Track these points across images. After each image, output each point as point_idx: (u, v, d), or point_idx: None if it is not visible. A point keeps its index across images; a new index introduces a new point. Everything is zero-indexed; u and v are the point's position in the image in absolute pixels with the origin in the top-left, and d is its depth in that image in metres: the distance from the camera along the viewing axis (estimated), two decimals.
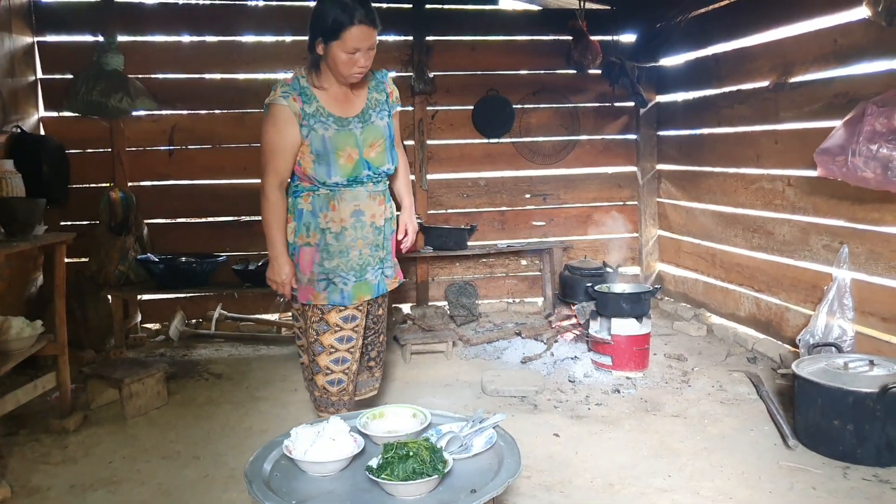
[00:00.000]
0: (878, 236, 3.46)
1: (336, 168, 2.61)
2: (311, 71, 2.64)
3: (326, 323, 2.69)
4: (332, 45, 2.55)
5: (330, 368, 2.70)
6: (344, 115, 2.66)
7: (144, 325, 5.09)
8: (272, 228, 2.67)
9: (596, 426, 3.30)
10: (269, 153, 2.63)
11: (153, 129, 5.05)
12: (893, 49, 3.30)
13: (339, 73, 2.60)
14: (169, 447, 3.16)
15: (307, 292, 2.69)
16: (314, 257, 2.68)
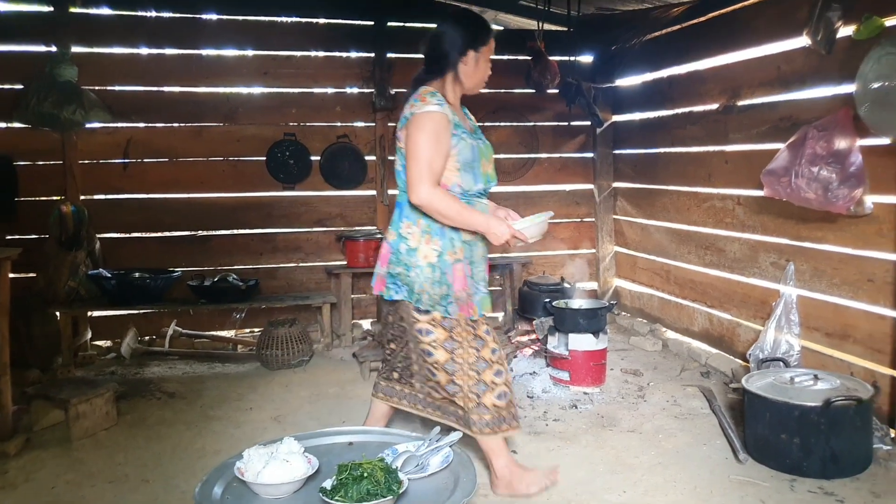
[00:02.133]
0: (821, 254, 3.58)
1: (480, 176, 2.71)
2: (444, 84, 2.73)
3: (480, 338, 2.72)
4: (483, 50, 2.73)
5: (494, 382, 2.70)
6: (470, 130, 2.78)
7: (95, 342, 4.96)
8: (463, 212, 2.61)
9: (553, 442, 3.33)
10: (432, 159, 2.57)
11: (108, 142, 4.96)
12: (832, 76, 3.43)
13: (480, 80, 2.81)
14: (117, 470, 3.07)
15: (468, 308, 2.69)
16: (465, 271, 2.70)
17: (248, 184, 5.22)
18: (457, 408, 2.75)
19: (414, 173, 2.55)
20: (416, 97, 2.66)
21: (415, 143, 2.56)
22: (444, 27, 2.75)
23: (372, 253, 5.17)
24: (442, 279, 2.65)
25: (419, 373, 2.84)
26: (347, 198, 5.43)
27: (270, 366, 4.53)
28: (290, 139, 5.22)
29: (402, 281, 2.69)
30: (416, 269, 2.66)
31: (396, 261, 2.70)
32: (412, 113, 2.62)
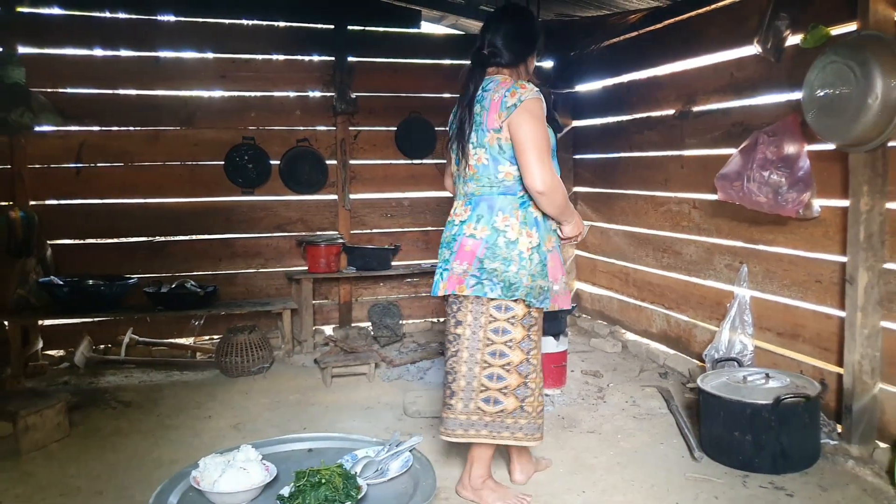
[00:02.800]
0: (773, 256, 3.68)
1: (556, 166, 2.68)
2: (516, 74, 2.67)
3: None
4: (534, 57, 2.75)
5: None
6: None
7: (47, 351, 4.83)
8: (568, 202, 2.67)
9: None
10: (548, 145, 2.56)
11: (59, 146, 4.84)
12: (781, 83, 3.54)
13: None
14: (69, 483, 2.99)
15: (565, 299, 2.70)
16: (559, 259, 2.71)
17: (206, 189, 5.15)
18: (515, 418, 2.61)
19: (536, 160, 2.47)
20: (512, 84, 2.53)
21: (533, 131, 2.48)
22: (522, 20, 2.71)
23: (333, 258, 5.16)
24: (543, 271, 2.60)
25: (468, 387, 2.62)
26: (308, 202, 5.39)
27: (230, 373, 4.48)
28: (248, 143, 5.17)
29: (498, 277, 2.56)
30: (516, 263, 2.56)
31: (493, 255, 2.57)
32: (521, 100, 2.48)
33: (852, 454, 3.04)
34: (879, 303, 3.04)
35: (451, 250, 2.67)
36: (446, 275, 2.66)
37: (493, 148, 2.56)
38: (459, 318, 2.65)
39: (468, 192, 2.68)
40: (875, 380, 3.06)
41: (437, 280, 2.71)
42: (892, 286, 3.00)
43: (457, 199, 2.77)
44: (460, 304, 2.65)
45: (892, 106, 2.76)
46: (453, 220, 2.73)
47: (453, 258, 2.64)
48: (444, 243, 2.73)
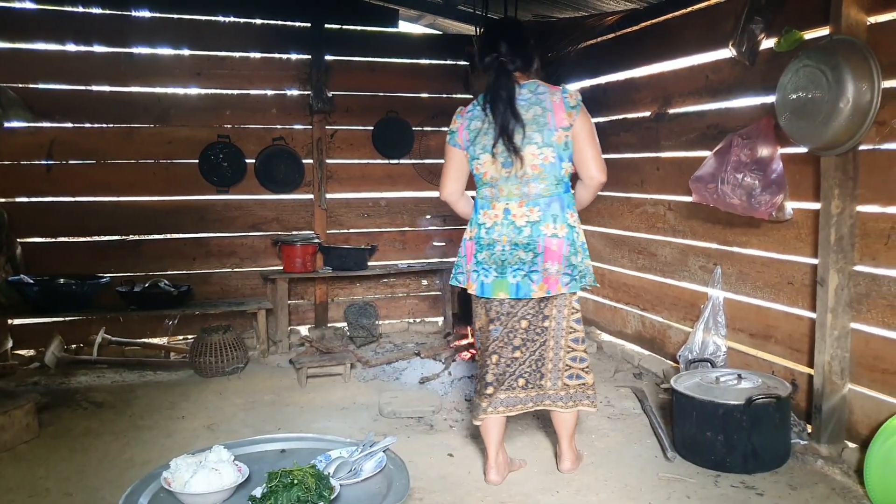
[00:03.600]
0: (746, 258, 3.73)
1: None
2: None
3: None
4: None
5: None
6: None
7: (16, 351, 4.75)
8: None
9: None
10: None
11: (29, 143, 4.76)
12: (755, 86, 3.58)
13: None
14: (37, 484, 2.94)
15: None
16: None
17: (180, 187, 5.10)
18: (585, 388, 2.89)
19: (599, 153, 2.76)
20: (559, 87, 2.74)
21: (593, 129, 2.76)
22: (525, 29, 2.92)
23: (309, 258, 5.12)
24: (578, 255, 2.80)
25: (555, 369, 2.85)
26: (284, 201, 5.35)
27: (204, 373, 4.43)
28: (224, 141, 5.12)
29: (578, 271, 2.75)
30: (582, 254, 2.80)
31: (574, 251, 2.75)
32: (579, 101, 2.72)
33: (822, 454, 3.09)
34: (849, 304, 3.09)
35: (534, 252, 2.72)
36: (538, 277, 2.72)
37: (560, 146, 2.70)
38: (547, 313, 2.80)
39: (530, 193, 2.73)
40: (844, 380, 3.10)
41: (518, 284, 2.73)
42: (862, 288, 3.05)
43: (506, 200, 2.76)
44: (548, 301, 2.78)
45: (863, 110, 2.81)
46: (514, 221, 2.74)
47: (541, 260, 2.72)
48: (517, 245, 2.74)
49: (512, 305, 2.79)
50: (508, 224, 2.75)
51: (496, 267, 2.76)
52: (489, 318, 2.85)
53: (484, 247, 2.80)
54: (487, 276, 2.78)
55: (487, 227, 2.80)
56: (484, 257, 2.79)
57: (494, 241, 2.77)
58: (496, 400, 2.85)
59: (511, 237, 2.75)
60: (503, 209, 2.77)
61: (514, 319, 2.81)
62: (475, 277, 2.81)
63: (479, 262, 2.80)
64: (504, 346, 2.83)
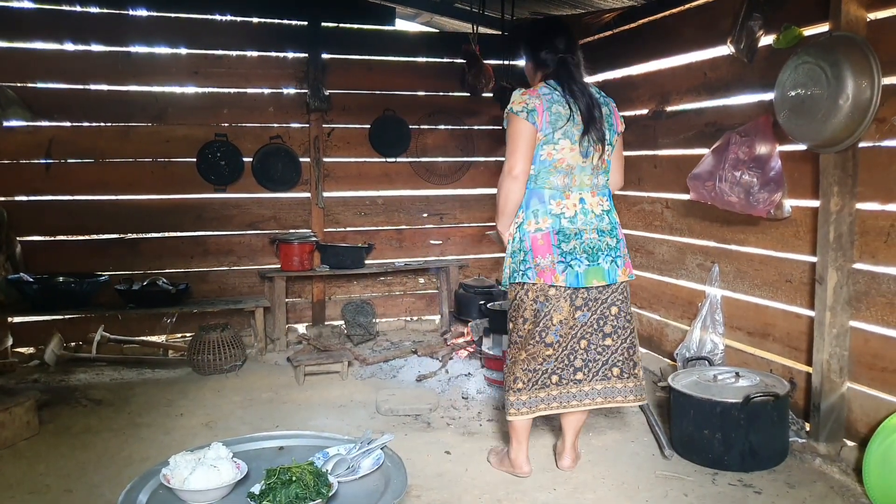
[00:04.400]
0: (744, 256, 3.73)
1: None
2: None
3: None
4: None
5: None
6: None
7: (16, 349, 4.75)
8: None
9: (487, 442, 3.36)
10: None
11: (28, 141, 4.75)
12: (754, 83, 3.58)
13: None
14: (38, 481, 2.94)
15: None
16: None
17: (177, 185, 5.09)
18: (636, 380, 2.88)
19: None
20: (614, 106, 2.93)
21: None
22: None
23: (306, 256, 5.12)
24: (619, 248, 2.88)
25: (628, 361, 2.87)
26: (281, 200, 5.35)
27: (202, 371, 4.43)
28: (221, 140, 5.11)
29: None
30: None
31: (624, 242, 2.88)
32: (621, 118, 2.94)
33: (820, 452, 3.09)
34: (848, 302, 3.09)
35: (616, 238, 2.82)
36: (622, 262, 2.82)
37: (615, 147, 2.87)
38: (629, 298, 2.90)
39: (599, 185, 2.85)
40: (843, 379, 3.11)
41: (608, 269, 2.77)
42: (861, 286, 3.05)
43: (579, 190, 2.79)
44: (624, 288, 2.86)
45: (863, 107, 2.80)
46: (591, 209, 2.79)
47: (623, 245, 2.85)
48: (603, 231, 2.79)
49: (601, 291, 2.81)
50: (588, 212, 2.79)
51: (588, 255, 2.75)
52: (575, 307, 2.80)
53: (571, 236, 2.75)
54: (580, 265, 2.73)
55: (569, 217, 2.76)
56: (573, 247, 2.74)
57: (581, 230, 2.76)
58: (588, 390, 2.85)
59: (596, 225, 2.79)
60: (578, 198, 2.78)
61: (605, 306, 2.83)
62: (562, 269, 2.72)
63: (566, 253, 2.73)
64: (594, 331, 2.84)
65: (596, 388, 2.85)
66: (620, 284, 2.83)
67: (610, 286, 2.81)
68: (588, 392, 2.85)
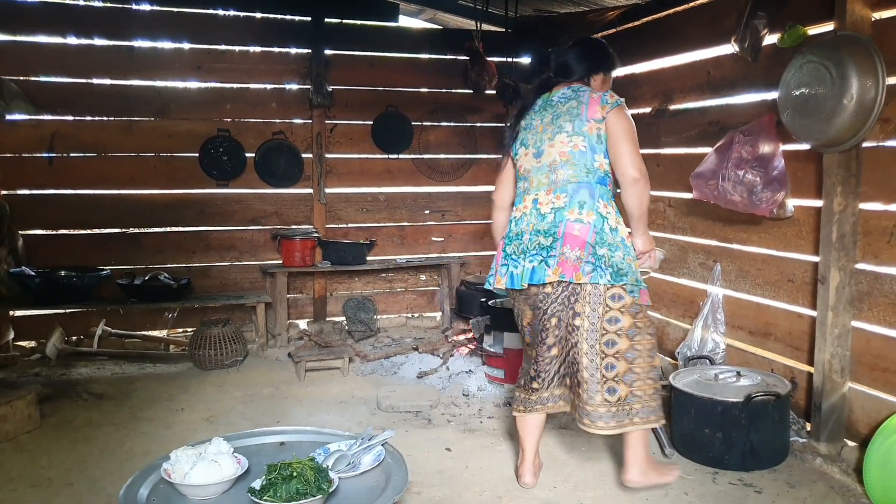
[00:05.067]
0: (746, 255, 3.72)
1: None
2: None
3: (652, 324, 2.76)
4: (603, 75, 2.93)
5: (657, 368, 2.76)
6: None
7: (18, 342, 4.75)
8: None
9: (487, 439, 3.36)
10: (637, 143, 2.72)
11: (31, 135, 4.75)
12: (758, 82, 3.57)
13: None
14: (39, 474, 2.95)
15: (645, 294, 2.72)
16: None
17: (180, 180, 5.09)
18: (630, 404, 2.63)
19: (632, 149, 2.66)
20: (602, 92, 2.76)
21: (631, 126, 2.69)
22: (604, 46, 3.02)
23: (308, 252, 5.12)
24: (637, 281, 2.65)
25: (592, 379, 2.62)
26: (283, 195, 5.35)
27: (203, 366, 4.43)
28: (223, 135, 5.11)
29: (606, 263, 2.56)
30: (620, 251, 2.61)
31: (601, 241, 2.59)
32: (617, 102, 2.70)
33: (821, 452, 3.09)
34: (850, 302, 3.08)
35: (553, 237, 2.63)
36: (553, 261, 2.60)
37: (592, 137, 2.68)
38: (578, 310, 2.62)
39: (558, 180, 2.70)
40: (844, 379, 3.10)
41: (533, 269, 2.63)
42: (863, 286, 3.05)
43: (535, 191, 2.75)
44: (577, 295, 2.61)
45: (867, 107, 2.80)
46: (539, 209, 2.70)
47: (560, 244, 2.60)
48: (539, 231, 2.67)
49: (542, 300, 2.68)
50: (534, 212, 2.72)
51: (522, 256, 2.69)
52: (534, 313, 2.75)
53: (512, 239, 2.76)
54: (517, 266, 2.70)
55: (517, 219, 2.78)
56: (512, 249, 2.74)
57: (522, 231, 2.73)
58: (545, 397, 2.77)
59: (535, 224, 2.70)
60: (532, 200, 2.75)
61: (547, 317, 2.69)
62: (504, 271, 2.74)
63: (507, 255, 2.76)
64: (541, 342, 2.73)
65: (555, 392, 2.76)
66: (565, 296, 2.62)
67: (550, 294, 2.64)
68: (547, 398, 2.77)
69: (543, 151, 2.74)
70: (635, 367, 2.64)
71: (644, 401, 2.64)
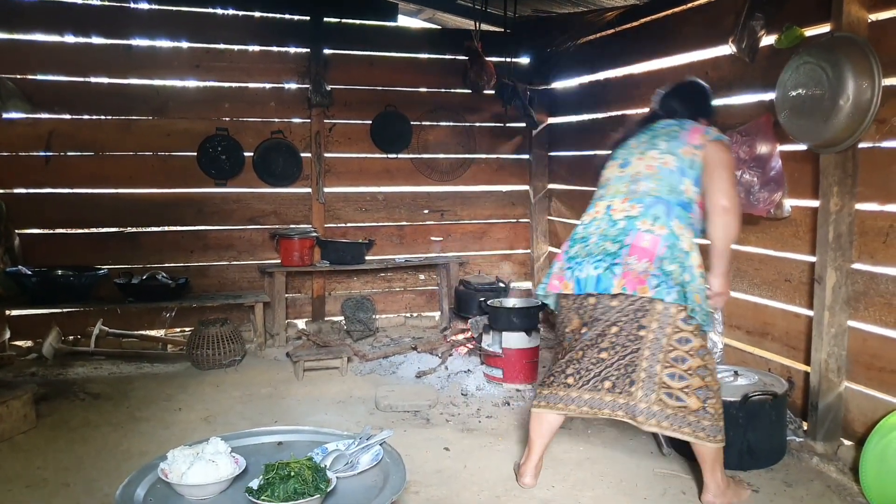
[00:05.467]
0: (743, 255, 3.73)
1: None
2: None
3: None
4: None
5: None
6: None
7: (14, 342, 4.75)
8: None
9: (485, 439, 3.37)
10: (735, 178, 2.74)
11: (28, 134, 4.74)
12: (755, 83, 3.57)
13: None
14: (35, 475, 2.95)
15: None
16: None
17: (178, 179, 5.09)
18: (698, 417, 2.53)
19: (728, 180, 2.62)
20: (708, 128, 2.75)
21: (730, 161, 2.69)
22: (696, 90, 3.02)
23: (307, 252, 5.12)
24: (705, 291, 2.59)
25: (649, 381, 2.54)
26: (282, 195, 5.34)
27: (201, 366, 4.43)
28: (222, 134, 5.10)
29: (675, 280, 2.48)
30: (690, 272, 2.52)
31: (672, 256, 2.50)
32: (721, 136, 2.73)
33: (817, 451, 3.10)
34: (847, 302, 3.09)
35: (620, 244, 2.56)
36: (619, 269, 2.53)
37: (686, 160, 2.65)
38: (644, 324, 2.54)
39: (638, 190, 2.65)
40: (841, 378, 3.11)
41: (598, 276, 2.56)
42: (860, 286, 3.06)
43: (611, 198, 2.72)
44: (646, 312, 2.53)
45: (864, 108, 2.81)
46: (611, 215, 2.65)
47: (626, 252, 2.53)
48: (606, 236, 2.61)
49: (604, 311, 2.60)
50: (606, 218, 2.67)
51: (587, 259, 2.61)
52: (582, 322, 2.68)
53: (577, 241, 2.70)
54: (581, 270, 2.62)
55: (585, 223, 2.74)
56: (577, 251, 2.67)
57: (590, 234, 2.67)
58: (573, 397, 2.67)
59: (604, 229, 2.64)
60: (605, 206, 2.71)
61: (606, 324, 2.61)
62: (570, 275, 2.65)
63: (571, 258, 2.67)
64: (591, 346, 2.65)
65: (584, 396, 2.67)
66: (633, 310, 2.55)
67: (614, 306, 2.58)
68: (576, 398, 2.68)
69: (630, 163, 2.74)
70: (711, 385, 2.56)
71: (714, 419, 2.55)
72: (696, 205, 2.66)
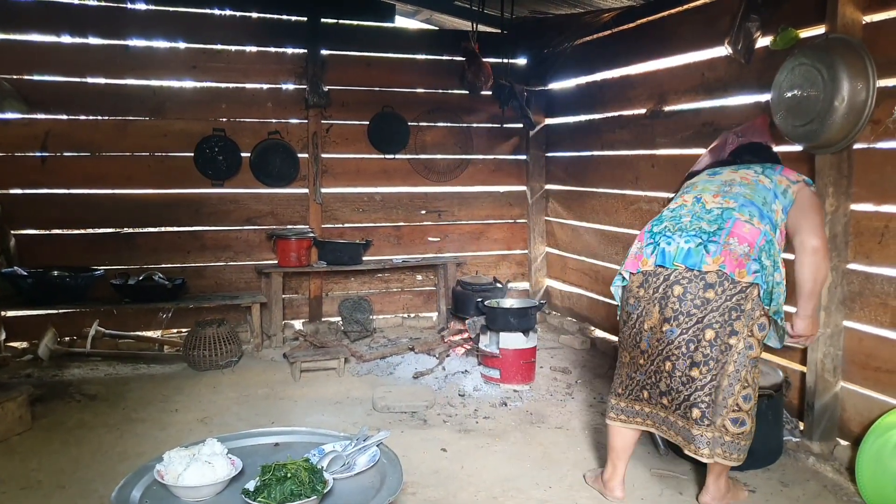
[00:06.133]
0: None
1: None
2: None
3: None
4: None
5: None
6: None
7: (10, 343, 4.74)
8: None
9: (483, 439, 3.37)
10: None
11: (24, 134, 4.73)
12: (751, 84, 3.59)
13: None
14: (30, 476, 2.94)
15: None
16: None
17: (175, 180, 5.08)
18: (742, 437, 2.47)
19: (820, 225, 2.55)
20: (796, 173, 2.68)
21: (821, 206, 2.68)
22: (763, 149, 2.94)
23: (304, 252, 5.12)
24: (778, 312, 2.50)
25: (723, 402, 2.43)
26: (279, 195, 5.34)
27: (198, 367, 4.43)
28: (219, 135, 5.10)
29: (767, 278, 2.41)
30: (772, 277, 2.44)
31: (769, 253, 2.43)
32: (811, 181, 2.71)
33: (813, 451, 3.11)
34: (843, 302, 3.10)
35: (719, 225, 2.44)
36: (715, 248, 2.37)
37: (780, 187, 2.59)
38: (737, 328, 2.39)
39: (731, 191, 2.57)
40: (837, 378, 3.12)
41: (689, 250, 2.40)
42: (855, 286, 3.06)
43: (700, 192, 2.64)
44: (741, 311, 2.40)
45: (859, 109, 2.82)
46: (704, 204, 2.54)
47: (726, 233, 2.40)
48: (701, 218, 2.48)
49: (695, 303, 2.41)
50: (698, 205, 2.56)
51: (679, 233, 2.46)
52: (664, 318, 2.47)
53: (664, 219, 2.59)
54: (670, 243, 2.46)
55: (672, 209, 2.64)
56: (664, 227, 2.53)
57: (681, 215, 2.56)
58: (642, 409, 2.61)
59: (698, 212, 2.52)
60: (694, 197, 2.62)
61: (700, 327, 2.40)
62: (651, 250, 2.50)
63: (656, 234, 2.53)
64: (682, 356, 2.44)
65: (678, 423, 2.51)
66: (723, 297, 2.39)
67: (710, 301, 2.39)
68: (673, 423, 2.53)
69: (722, 173, 2.71)
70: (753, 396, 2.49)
71: (750, 439, 2.50)
72: (780, 232, 2.56)
